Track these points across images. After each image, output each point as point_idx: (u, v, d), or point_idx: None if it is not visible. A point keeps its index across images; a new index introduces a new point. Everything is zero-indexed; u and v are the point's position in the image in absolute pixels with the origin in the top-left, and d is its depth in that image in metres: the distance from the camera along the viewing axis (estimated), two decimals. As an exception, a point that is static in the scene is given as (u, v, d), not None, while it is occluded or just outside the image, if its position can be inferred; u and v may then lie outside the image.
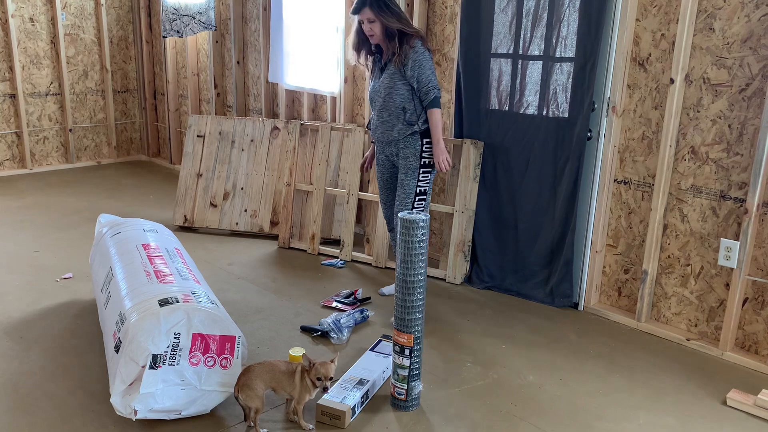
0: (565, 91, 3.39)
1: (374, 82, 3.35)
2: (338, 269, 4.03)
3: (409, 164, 3.28)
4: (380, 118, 3.31)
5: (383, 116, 3.29)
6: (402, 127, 3.25)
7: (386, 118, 3.28)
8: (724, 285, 3.05)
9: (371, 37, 3.23)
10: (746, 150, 2.90)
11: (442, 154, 3.25)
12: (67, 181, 5.94)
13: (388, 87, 3.24)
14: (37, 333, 3.08)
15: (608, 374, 2.88)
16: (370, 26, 3.18)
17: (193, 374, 2.41)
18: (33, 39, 6.00)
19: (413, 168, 3.28)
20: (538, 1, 3.41)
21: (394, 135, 3.28)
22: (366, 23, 3.19)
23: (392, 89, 3.23)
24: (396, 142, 3.30)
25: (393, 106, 3.24)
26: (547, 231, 3.58)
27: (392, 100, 3.24)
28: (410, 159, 3.28)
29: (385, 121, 3.29)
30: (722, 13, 2.88)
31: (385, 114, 3.28)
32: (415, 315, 2.51)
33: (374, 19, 3.16)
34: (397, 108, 3.23)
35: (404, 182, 3.31)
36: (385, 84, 3.25)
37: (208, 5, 5.52)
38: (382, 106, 3.27)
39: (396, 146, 3.31)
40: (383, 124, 3.30)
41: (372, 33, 3.20)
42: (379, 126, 3.34)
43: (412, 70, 3.16)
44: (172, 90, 6.31)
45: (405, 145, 3.27)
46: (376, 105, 3.32)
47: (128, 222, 3.37)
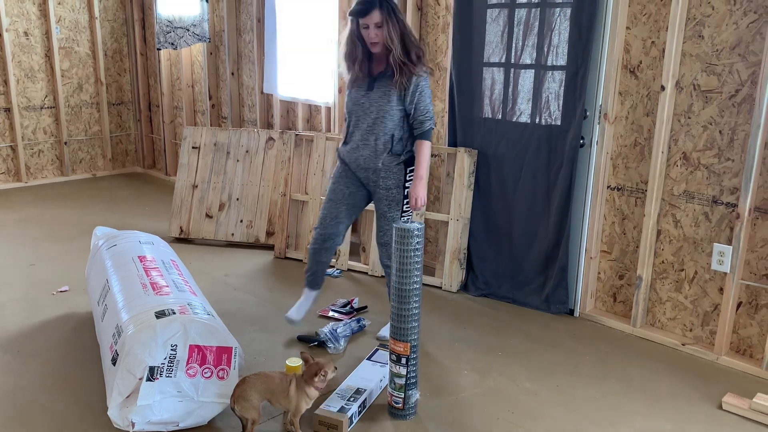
0: (558, 99, 3.42)
1: (357, 92, 2.96)
2: (334, 278, 4.04)
3: (392, 196, 2.99)
4: (364, 141, 2.94)
5: (369, 140, 2.93)
6: (388, 157, 2.93)
7: (372, 144, 2.93)
8: (717, 289, 3.07)
9: (373, 45, 2.85)
10: (737, 155, 2.93)
11: (423, 191, 2.92)
12: (62, 193, 5.94)
13: (380, 108, 2.89)
14: (34, 346, 3.08)
15: (604, 380, 2.89)
16: (377, 32, 2.81)
17: (190, 386, 2.42)
18: (27, 53, 6.02)
19: (397, 200, 2.98)
20: (530, 11, 3.45)
21: (378, 165, 2.94)
22: (372, 28, 2.81)
23: (385, 112, 2.89)
24: (377, 171, 2.96)
25: (382, 132, 2.91)
26: (541, 238, 3.60)
27: (383, 125, 2.90)
28: (393, 190, 2.98)
29: (370, 146, 2.93)
30: (711, 21, 2.92)
31: (371, 138, 2.93)
32: (411, 323, 2.52)
33: (382, 24, 2.81)
34: (386, 135, 2.91)
35: (387, 215, 3.02)
36: (376, 103, 2.89)
37: (202, 17, 5.55)
38: (369, 128, 2.92)
39: (375, 174, 2.97)
40: (367, 149, 2.94)
41: (377, 40, 2.83)
42: (361, 149, 2.95)
43: (413, 96, 2.87)
44: (166, 102, 6.33)
45: (387, 175, 2.96)
46: (362, 123, 2.94)
47: (124, 234, 3.37)
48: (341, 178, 3.07)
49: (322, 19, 4.60)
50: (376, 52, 2.89)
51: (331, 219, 3.09)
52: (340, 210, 3.08)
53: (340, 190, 3.07)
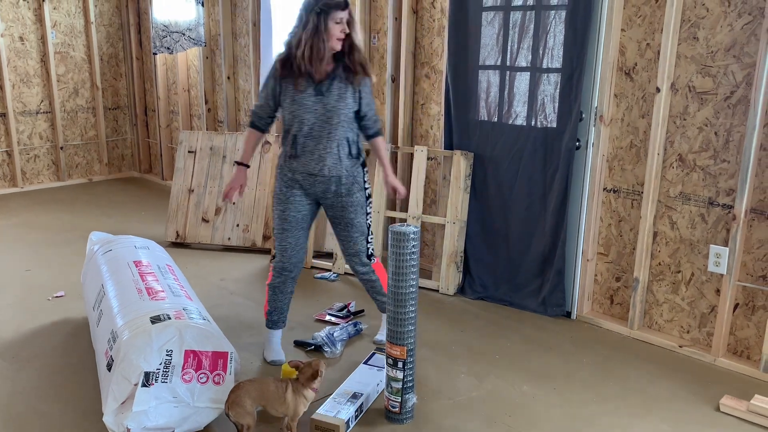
0: (553, 101, 3.42)
1: (303, 97, 2.74)
2: (331, 282, 4.03)
3: (356, 200, 2.89)
4: (326, 149, 2.78)
5: (331, 148, 2.78)
6: (349, 162, 2.84)
7: (335, 151, 2.79)
8: (714, 291, 3.07)
9: (339, 42, 2.72)
10: (733, 157, 2.93)
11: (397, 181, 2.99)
12: (58, 199, 5.93)
13: (338, 112, 2.75)
14: (30, 352, 3.07)
15: (602, 382, 2.89)
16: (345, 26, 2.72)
17: (185, 391, 2.41)
18: (23, 58, 6.01)
19: (361, 203, 2.92)
20: (525, 13, 3.45)
21: (342, 172, 2.83)
22: (344, 23, 2.71)
23: (345, 116, 2.78)
24: (339, 179, 2.84)
25: (342, 136, 2.79)
26: (538, 240, 3.59)
27: (342, 130, 2.79)
28: (356, 195, 2.89)
29: (333, 155, 2.79)
30: (705, 23, 2.92)
31: (333, 146, 2.78)
32: (407, 327, 2.51)
33: (351, 21, 2.74)
34: (342, 138, 2.80)
35: (355, 221, 2.92)
36: (333, 107, 2.74)
37: (198, 22, 5.55)
38: (330, 135, 2.77)
39: (337, 183, 2.84)
40: (330, 157, 2.78)
41: (344, 37, 2.73)
42: (325, 159, 2.79)
43: (367, 96, 2.84)
44: (162, 106, 6.33)
45: (349, 181, 2.86)
46: (318, 131, 2.76)
47: (120, 239, 3.36)
48: (290, 203, 2.87)
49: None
50: (337, 50, 2.74)
51: (292, 248, 2.92)
52: (298, 236, 2.93)
53: (293, 216, 2.89)
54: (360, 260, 3.00)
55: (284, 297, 3.03)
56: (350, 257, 3.01)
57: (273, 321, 3.06)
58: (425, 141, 4.17)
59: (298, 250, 2.95)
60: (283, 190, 2.88)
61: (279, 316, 3.06)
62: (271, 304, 3.04)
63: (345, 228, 2.94)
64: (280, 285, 2.99)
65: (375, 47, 4.33)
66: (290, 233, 2.91)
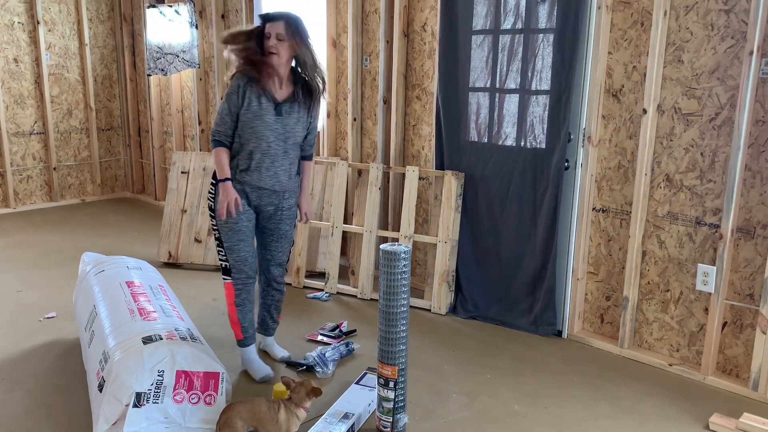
0: (542, 122, 3.47)
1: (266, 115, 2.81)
2: (323, 302, 4.04)
3: (293, 213, 3.05)
4: (281, 166, 2.89)
5: (284, 165, 2.90)
6: (296, 178, 3.00)
7: (288, 168, 2.92)
8: (703, 310, 3.10)
9: (270, 56, 2.77)
10: (719, 177, 2.98)
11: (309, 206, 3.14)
12: (51, 219, 5.93)
13: (296, 134, 2.90)
14: (21, 373, 3.06)
15: (592, 401, 2.90)
16: (277, 43, 2.76)
17: (177, 412, 2.41)
18: (17, 79, 6.04)
19: (295, 215, 3.08)
20: (513, 37, 3.51)
21: (291, 186, 2.99)
22: (273, 37, 2.76)
23: (300, 137, 2.93)
24: (284, 193, 2.96)
25: (294, 155, 2.95)
26: (528, 260, 3.62)
27: (295, 150, 2.95)
28: (294, 208, 3.04)
29: (287, 171, 2.92)
30: (690, 46, 2.98)
31: (286, 163, 2.91)
32: (398, 347, 2.53)
33: (284, 40, 2.77)
34: (294, 158, 2.96)
35: (288, 233, 3.06)
36: (292, 129, 2.87)
37: (192, 44, 5.60)
38: (285, 153, 2.89)
39: (281, 197, 2.96)
40: (284, 174, 2.92)
41: (276, 51, 2.76)
42: (280, 175, 2.90)
43: (315, 119, 2.99)
44: (156, 127, 6.36)
45: (290, 195, 3.00)
46: (274, 148, 2.85)
47: (112, 260, 3.37)
48: (241, 214, 2.89)
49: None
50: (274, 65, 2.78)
51: (252, 257, 2.98)
52: (251, 246, 2.99)
53: (245, 226, 2.92)
54: (283, 270, 3.12)
55: (252, 306, 3.08)
56: (276, 267, 3.09)
57: (250, 335, 3.08)
58: (417, 161, 4.21)
59: (254, 256, 3.03)
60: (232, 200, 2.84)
61: (252, 328, 3.11)
62: (243, 319, 3.03)
63: (278, 239, 3.04)
64: (246, 296, 3.02)
65: (367, 69, 4.38)
66: (247, 243, 2.96)
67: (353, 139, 4.48)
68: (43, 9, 6.09)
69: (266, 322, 3.23)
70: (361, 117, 4.49)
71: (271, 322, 3.24)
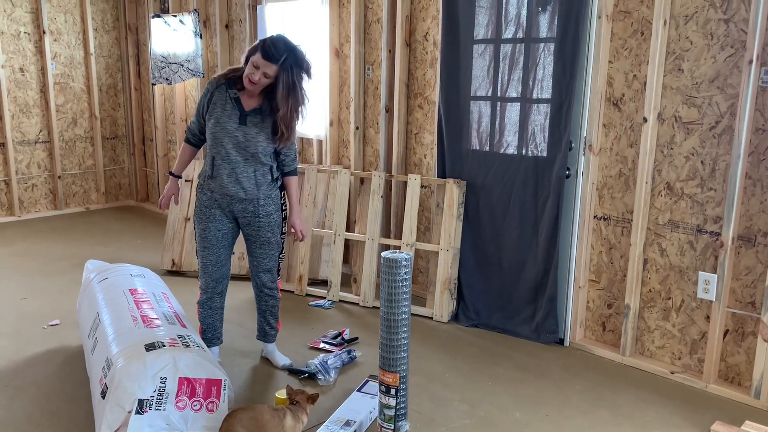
0: (543, 131, 3.49)
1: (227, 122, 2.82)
2: (326, 310, 4.05)
3: (273, 221, 2.99)
4: (244, 173, 2.86)
5: (248, 172, 2.87)
6: (267, 186, 2.94)
7: (252, 175, 2.88)
8: (704, 317, 3.10)
9: (250, 84, 2.77)
10: (719, 185, 2.99)
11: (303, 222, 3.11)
12: (55, 227, 5.96)
13: (257, 144, 2.84)
14: (24, 381, 3.07)
15: (594, 409, 2.90)
16: (262, 77, 2.74)
17: (179, 418, 2.42)
18: (23, 88, 6.09)
19: (277, 223, 3.02)
20: (515, 46, 3.53)
21: (259, 194, 2.92)
22: (259, 73, 2.73)
23: (263, 148, 2.86)
24: (257, 200, 2.93)
25: (260, 163, 2.89)
26: (530, 267, 3.63)
27: (261, 158, 2.87)
28: (273, 215, 2.99)
29: (250, 178, 2.88)
30: (689, 55, 3.00)
31: (250, 170, 2.87)
32: (400, 354, 2.54)
33: (270, 77, 2.75)
34: (265, 166, 2.90)
35: (271, 240, 3.02)
36: (253, 139, 2.82)
37: (196, 53, 5.65)
38: (248, 161, 2.85)
39: (254, 204, 2.93)
40: (248, 181, 2.87)
41: (257, 83, 2.76)
42: (242, 182, 2.87)
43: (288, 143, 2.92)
44: (160, 136, 6.40)
45: (267, 202, 2.95)
46: (235, 155, 2.84)
47: (116, 267, 3.39)
48: (210, 222, 2.95)
49: (313, 55, 4.68)
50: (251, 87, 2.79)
51: (213, 265, 3.02)
52: (219, 254, 3.02)
53: (213, 235, 2.97)
54: (272, 276, 3.12)
55: (214, 313, 3.13)
56: (263, 273, 3.10)
57: (207, 338, 3.14)
58: (419, 169, 4.23)
59: (220, 267, 3.05)
60: (203, 209, 2.97)
61: (213, 333, 3.16)
62: (203, 321, 3.13)
63: (261, 246, 3.03)
64: (207, 301, 3.10)
65: (369, 78, 4.41)
66: (211, 251, 3.00)
67: (355, 147, 4.51)
68: (49, 19, 6.14)
69: (264, 329, 3.25)
70: (364, 125, 4.52)
71: (269, 329, 3.25)
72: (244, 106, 2.84)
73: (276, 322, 3.25)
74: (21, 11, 5.98)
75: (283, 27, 4.85)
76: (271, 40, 2.76)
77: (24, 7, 5.99)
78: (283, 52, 2.72)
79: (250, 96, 2.86)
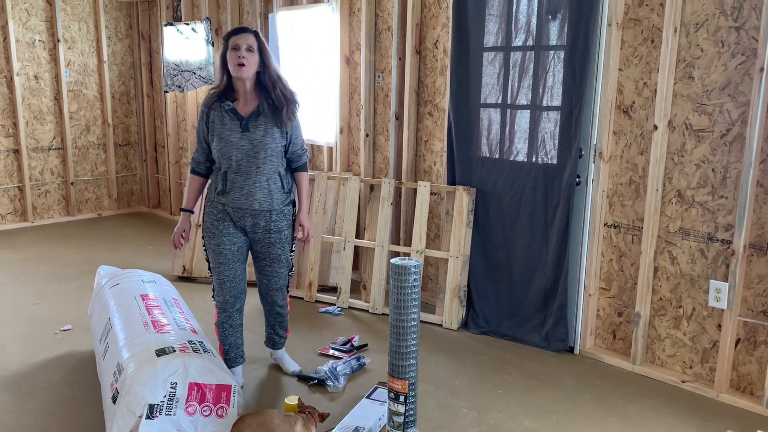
0: (553, 138, 3.49)
1: (230, 134, 2.77)
2: (335, 316, 4.06)
3: (284, 237, 2.91)
4: (257, 184, 2.78)
5: (259, 181, 2.78)
6: (280, 196, 2.85)
7: (265, 185, 2.80)
8: (716, 326, 3.08)
9: (240, 68, 2.72)
10: (730, 193, 2.97)
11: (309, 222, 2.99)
12: (67, 233, 6.01)
13: (266, 147, 2.77)
14: (35, 385, 3.10)
15: (604, 418, 2.88)
16: (248, 55, 2.72)
17: (189, 424, 2.43)
18: (37, 96, 6.16)
19: (288, 240, 2.94)
20: (524, 54, 3.54)
21: (273, 206, 2.84)
22: (243, 49, 2.71)
23: (272, 150, 2.79)
24: (269, 213, 2.84)
25: (271, 170, 2.80)
26: (540, 275, 3.62)
27: (271, 164, 2.80)
28: (285, 231, 2.91)
29: (264, 189, 2.80)
30: (700, 63, 2.99)
31: (262, 180, 2.79)
32: (409, 361, 2.54)
33: (254, 51, 2.75)
34: (275, 173, 2.82)
35: (281, 257, 2.93)
36: (260, 143, 2.76)
37: (208, 61, 5.69)
38: (259, 170, 2.78)
39: (266, 219, 2.85)
40: (261, 192, 2.79)
41: (246, 63, 2.72)
42: (255, 193, 2.79)
43: (294, 130, 2.87)
44: (172, 143, 6.45)
45: (279, 218, 2.87)
46: (246, 166, 2.77)
47: (127, 273, 3.42)
48: (223, 236, 2.86)
49: (323, 61, 4.72)
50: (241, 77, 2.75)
51: (231, 281, 2.92)
52: (235, 269, 2.91)
53: (228, 250, 2.88)
54: (282, 294, 3.06)
55: (235, 331, 3.02)
56: (274, 291, 3.03)
57: (231, 359, 3.04)
58: (428, 177, 4.24)
59: (238, 282, 2.94)
60: (214, 224, 2.87)
61: (236, 352, 3.05)
62: (224, 341, 3.01)
63: (271, 264, 2.95)
64: (227, 320, 2.99)
65: (380, 86, 4.43)
66: (227, 266, 2.89)
67: (365, 154, 4.52)
68: (63, 27, 6.22)
69: (272, 338, 3.24)
70: (374, 133, 4.53)
71: (278, 338, 3.23)
72: (242, 114, 2.80)
73: (285, 331, 3.23)
74: (36, 20, 6.06)
75: (293, 35, 4.88)
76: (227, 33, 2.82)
77: (39, 15, 6.07)
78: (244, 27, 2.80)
79: (245, 103, 2.82)
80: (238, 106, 2.81)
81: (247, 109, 2.81)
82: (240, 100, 2.82)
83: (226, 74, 2.82)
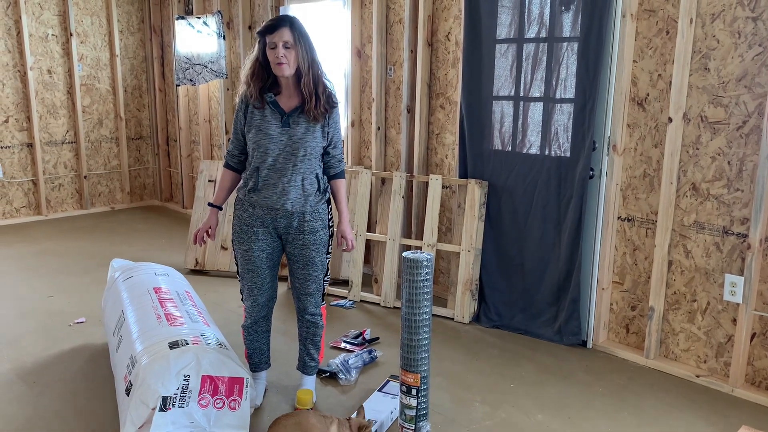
0: (566, 131, 3.46)
1: (269, 127, 2.60)
2: (347, 310, 4.06)
3: (319, 239, 2.70)
4: (291, 182, 2.61)
5: (296, 181, 2.61)
6: (315, 197, 2.67)
7: (299, 184, 2.62)
8: (731, 320, 3.05)
9: (280, 67, 2.54)
10: (746, 186, 2.94)
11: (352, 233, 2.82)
12: (81, 227, 6.05)
13: (306, 145, 2.60)
14: (50, 377, 3.13)
15: (617, 412, 2.87)
16: (285, 52, 2.52)
17: (202, 416, 2.44)
18: (50, 90, 6.20)
19: (324, 242, 2.73)
20: (537, 45, 3.51)
21: (306, 207, 2.66)
22: (281, 47, 2.51)
23: (312, 149, 2.62)
24: (303, 214, 2.66)
25: (309, 170, 2.63)
26: (553, 269, 3.60)
27: (309, 164, 2.62)
28: (320, 232, 2.70)
29: (298, 188, 2.62)
30: (716, 54, 2.96)
31: (297, 179, 2.61)
32: (421, 354, 2.53)
33: (292, 46, 2.53)
34: (311, 173, 2.64)
35: (315, 260, 2.72)
36: (300, 140, 2.59)
37: (220, 54, 5.70)
38: (295, 168, 2.60)
39: (299, 219, 2.66)
40: (295, 191, 2.61)
41: (285, 61, 2.53)
42: (289, 192, 2.61)
43: (334, 130, 2.69)
44: (184, 136, 6.47)
45: (313, 218, 2.67)
46: (282, 163, 2.60)
47: (140, 266, 3.43)
48: (253, 242, 2.68)
49: (334, 54, 4.71)
50: (282, 75, 2.57)
51: (259, 288, 2.76)
52: (264, 276, 2.74)
53: (257, 256, 2.70)
54: (315, 300, 2.83)
55: (260, 337, 2.90)
56: (306, 296, 2.81)
57: (254, 363, 2.94)
58: (440, 170, 4.23)
59: (266, 290, 2.79)
60: (244, 228, 2.69)
61: (260, 357, 2.93)
62: (249, 345, 2.91)
63: (305, 266, 2.74)
64: (253, 325, 2.86)
65: (391, 79, 4.41)
66: (255, 274, 2.73)
67: (377, 147, 4.51)
68: (76, 21, 6.24)
69: (303, 359, 2.94)
70: (385, 126, 4.52)
71: (309, 360, 2.92)
72: (284, 108, 2.61)
73: (317, 352, 2.93)
74: (49, 14, 6.09)
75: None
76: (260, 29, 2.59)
77: (52, 9, 6.10)
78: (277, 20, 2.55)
79: (288, 97, 2.63)
80: (280, 99, 2.63)
81: (290, 104, 2.63)
82: (283, 93, 2.64)
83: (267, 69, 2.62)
